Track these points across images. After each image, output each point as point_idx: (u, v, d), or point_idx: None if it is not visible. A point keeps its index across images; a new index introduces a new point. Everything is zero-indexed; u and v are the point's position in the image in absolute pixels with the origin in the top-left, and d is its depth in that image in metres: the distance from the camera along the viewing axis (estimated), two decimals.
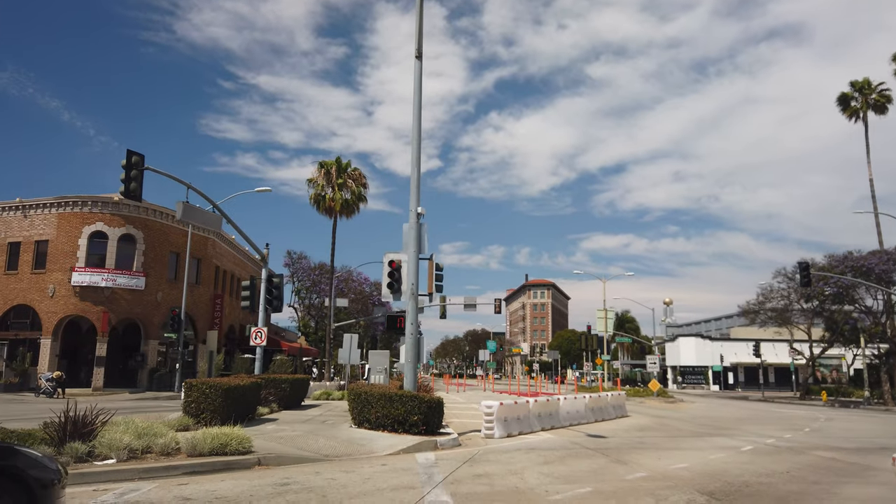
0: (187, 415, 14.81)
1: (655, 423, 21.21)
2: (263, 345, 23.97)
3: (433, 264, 17.15)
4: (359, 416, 15.72)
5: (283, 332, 68.11)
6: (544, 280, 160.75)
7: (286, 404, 21.22)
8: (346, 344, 29.77)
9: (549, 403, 18.41)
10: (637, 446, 14.29)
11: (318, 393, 29.06)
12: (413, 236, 16.48)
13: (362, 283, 66.07)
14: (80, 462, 9.25)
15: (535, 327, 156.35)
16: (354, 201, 47.52)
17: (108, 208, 36.96)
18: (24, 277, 36.53)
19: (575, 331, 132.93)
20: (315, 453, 11.73)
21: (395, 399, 14.65)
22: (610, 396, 22.42)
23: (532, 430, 17.06)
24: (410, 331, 16.03)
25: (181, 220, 19.97)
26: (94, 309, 35.78)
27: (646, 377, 77.21)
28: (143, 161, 18.89)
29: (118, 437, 9.80)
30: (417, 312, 16.41)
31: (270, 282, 24.14)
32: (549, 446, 14.07)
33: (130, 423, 11.50)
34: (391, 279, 16.60)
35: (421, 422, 14.35)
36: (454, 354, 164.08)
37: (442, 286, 17.30)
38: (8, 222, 37.61)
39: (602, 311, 49.29)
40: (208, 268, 43.93)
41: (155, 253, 38.56)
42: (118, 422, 11.65)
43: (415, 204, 16.69)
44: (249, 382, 16.21)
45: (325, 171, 46.86)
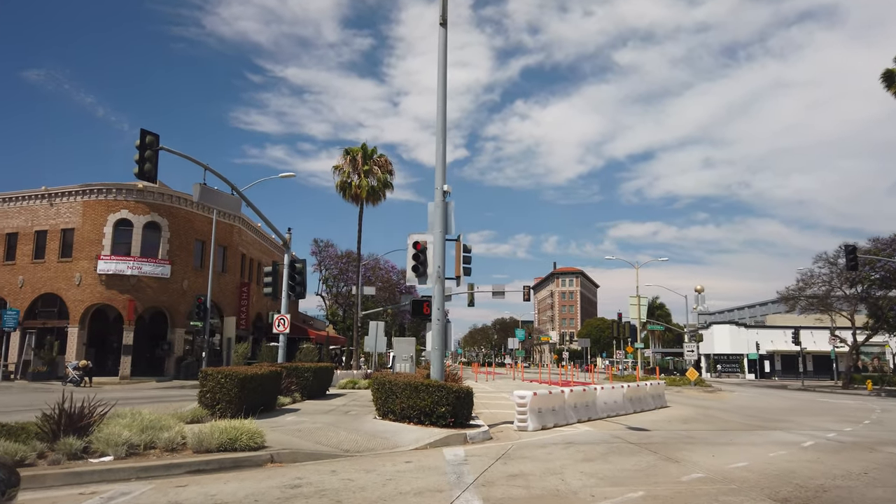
0: (202, 406, 14.03)
1: (699, 414, 19.91)
2: (287, 332, 23.22)
3: (461, 246, 16.06)
4: (383, 407, 14.78)
5: (311, 320, 67.83)
6: (573, 268, 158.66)
7: (309, 394, 20.40)
8: (372, 332, 28.93)
9: (586, 393, 17.26)
10: (685, 441, 13.09)
11: (343, 381, 28.28)
12: (439, 215, 15.41)
13: (389, 272, 65.31)
14: (73, 459, 8.42)
15: (564, 315, 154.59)
16: (381, 188, 46.64)
17: (133, 196, 36.57)
18: (51, 266, 36.39)
19: (605, 319, 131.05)
20: (334, 448, 10.80)
21: (420, 389, 13.66)
22: (649, 386, 21.17)
23: (568, 422, 15.95)
24: (437, 316, 15.00)
25: (198, 202, 19.19)
26: (121, 297, 35.50)
27: (679, 365, 75.43)
28: (158, 141, 18.12)
29: (117, 431, 8.96)
30: (444, 297, 15.36)
31: (293, 267, 23.33)
32: (588, 440, 12.96)
33: (137, 416, 10.69)
34: (416, 261, 15.56)
35: (449, 413, 13.35)
36: (482, 343, 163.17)
37: (470, 269, 16.21)
38: (34, 211, 37.50)
39: (635, 299, 47.76)
40: (234, 255, 43.47)
41: (180, 241, 38.14)
42: (124, 413, 10.85)
43: (440, 181, 15.60)
44: (268, 371, 15.36)
45: (351, 157, 46.06)
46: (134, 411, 11.11)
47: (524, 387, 36.16)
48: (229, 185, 20.46)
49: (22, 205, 37.86)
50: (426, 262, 15.62)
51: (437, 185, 15.64)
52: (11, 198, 38.18)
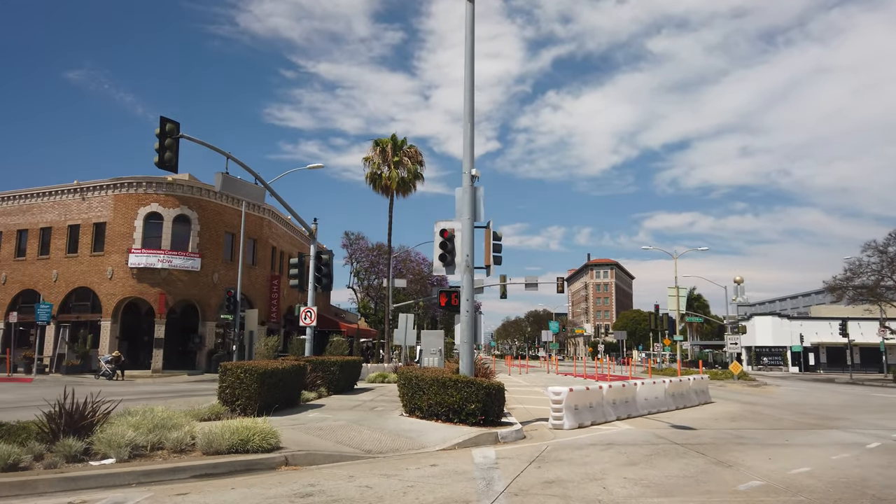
0: (222, 402, 13.44)
1: (746, 411, 18.73)
2: (314, 325, 22.66)
3: (490, 233, 15.19)
4: (409, 404, 14.03)
5: (343, 313, 67.67)
6: (607, 259, 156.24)
7: (336, 388, 19.80)
8: (402, 324, 28.25)
9: (625, 389, 16.27)
10: (736, 442, 12.05)
11: (373, 375, 27.70)
12: (467, 201, 14.56)
13: (421, 264, 64.67)
14: (73, 462, 7.82)
15: (599, 307, 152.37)
16: (411, 179, 45.96)
17: (163, 189, 36.50)
18: (83, 260, 36.58)
19: (640, 311, 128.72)
20: (355, 449, 10.07)
21: (448, 385, 12.86)
22: (692, 381, 20.04)
23: (606, 420, 15.00)
24: (465, 308, 14.17)
25: (220, 192, 18.67)
26: (152, 290, 35.50)
27: (718, 358, 73.28)
28: (178, 129, 17.64)
29: (121, 431, 8.34)
30: (473, 287, 14.52)
31: (319, 259, 22.75)
32: (629, 440, 12.01)
33: (148, 413, 10.10)
34: (443, 250, 14.74)
35: (479, 411, 12.53)
36: (515, 336, 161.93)
37: (500, 258, 15.35)
38: (67, 205, 37.72)
39: (673, 290, 46.21)
40: (264, 248, 43.25)
41: (210, 233, 37.99)
42: (135, 411, 10.28)
43: (468, 165, 14.74)
44: (290, 365, 14.73)
45: (381, 149, 45.45)
46: (146, 408, 10.54)
47: (558, 381, 35.16)
48: (253, 174, 19.91)
49: (55, 199, 38.13)
50: (454, 251, 14.79)
51: (465, 168, 14.78)
52: (45, 192, 38.49)
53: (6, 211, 39.55)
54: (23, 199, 39.14)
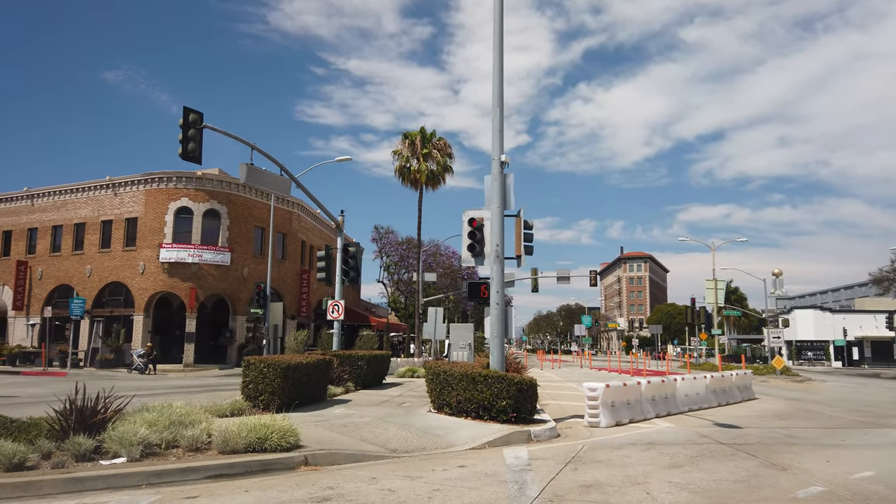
0: (245, 397, 13.10)
1: (794, 408, 17.76)
2: (341, 319, 22.28)
3: (521, 222, 14.52)
4: (438, 400, 13.50)
5: (373, 307, 67.55)
6: (641, 252, 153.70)
7: (364, 383, 19.37)
8: (431, 318, 27.75)
9: (665, 385, 15.49)
10: (787, 442, 11.23)
11: (402, 370, 27.27)
12: (496, 189, 13.92)
13: (451, 257, 64.20)
14: (82, 461, 7.45)
15: (632, 301, 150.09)
16: (440, 172, 45.45)
17: (193, 183, 36.55)
18: (116, 255, 36.87)
19: (675, 304, 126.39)
20: (380, 447, 9.56)
21: (478, 380, 12.28)
22: (734, 376, 19.11)
23: (645, 418, 14.26)
24: (496, 300, 13.56)
25: (245, 183, 18.35)
26: (182, 285, 35.61)
27: (757, 352, 71.26)
28: (202, 119, 17.33)
29: (134, 429, 7.94)
30: (504, 278, 13.89)
31: (346, 251, 22.34)
32: (671, 440, 11.28)
33: (166, 409, 9.74)
34: (472, 240, 14.13)
35: (510, 408, 11.92)
36: (547, 330, 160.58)
37: (532, 248, 14.66)
38: (100, 201, 38.06)
39: (711, 282, 44.92)
40: (294, 242, 43.16)
41: (240, 228, 37.98)
42: (152, 407, 9.92)
43: (498, 150, 14.10)
44: (315, 360, 14.31)
45: (410, 141, 45.04)
46: (164, 404, 10.18)
47: (592, 376, 34.29)
48: (278, 165, 19.55)
49: (88, 195, 38.51)
50: (483, 241, 14.18)
51: (494, 155, 14.14)
52: (79, 188, 38.90)
53: (41, 207, 40.11)
54: (57, 196, 39.63)
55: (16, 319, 39.48)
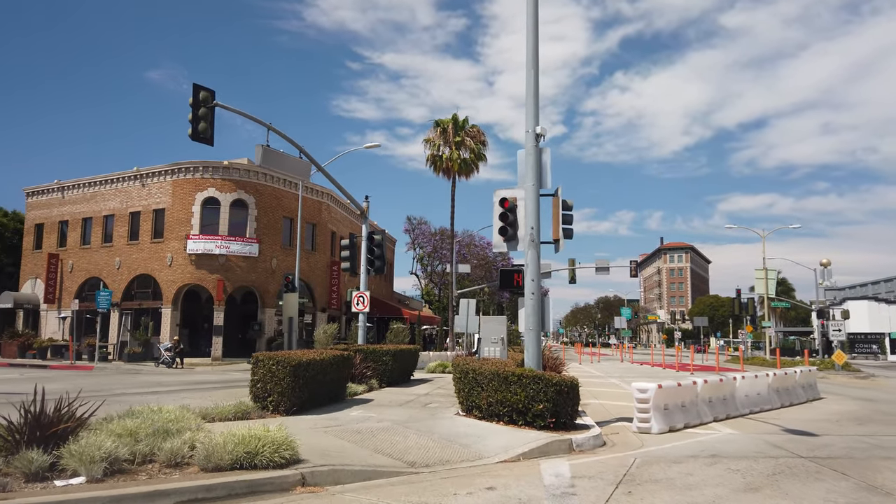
0: (253, 398, 11.83)
1: (869, 409, 15.81)
2: (366, 311, 21.03)
3: (559, 202, 12.92)
4: (466, 401, 12.05)
5: (407, 300, 66.46)
6: (682, 243, 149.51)
7: (389, 380, 18.04)
8: (463, 310, 26.26)
9: (723, 385, 13.76)
10: (879, 455, 9.46)
11: (433, 365, 25.92)
12: (531, 165, 12.36)
13: (485, 248, 62.56)
14: (33, 481, 6.20)
15: (673, 293, 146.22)
16: (473, 160, 43.84)
17: (219, 173, 35.73)
18: (144, 247, 36.33)
19: (718, 296, 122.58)
20: (395, 460, 8.16)
21: (511, 380, 10.79)
22: (798, 374, 17.20)
23: (701, 422, 12.59)
24: (531, 289, 12.03)
25: (261, 166, 17.13)
26: (210, 277, 34.86)
27: (806, 345, 68.03)
28: (213, 97, 16.21)
29: (98, 441, 6.68)
30: (540, 265, 12.34)
31: (371, 239, 21.03)
32: (738, 451, 9.63)
33: (151, 415, 8.51)
34: (504, 222, 12.60)
35: (548, 412, 10.41)
36: (585, 322, 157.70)
37: (571, 231, 13.05)
38: (128, 192, 37.56)
39: (761, 272, 42.48)
40: (323, 233, 42.12)
41: (268, 218, 37.06)
42: (139, 411, 8.72)
43: (532, 122, 12.53)
44: (331, 356, 12.98)
45: (442, 129, 43.52)
46: (151, 409, 8.97)
47: (634, 371, 32.44)
48: (296, 147, 18.31)
49: (117, 187, 38.05)
50: (516, 223, 12.64)
51: (528, 126, 12.58)
52: (107, 180, 38.48)
53: (72, 199, 39.86)
54: (86, 188, 39.31)
55: (48, 312, 39.36)
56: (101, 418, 8.25)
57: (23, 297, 40.04)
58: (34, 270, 40.60)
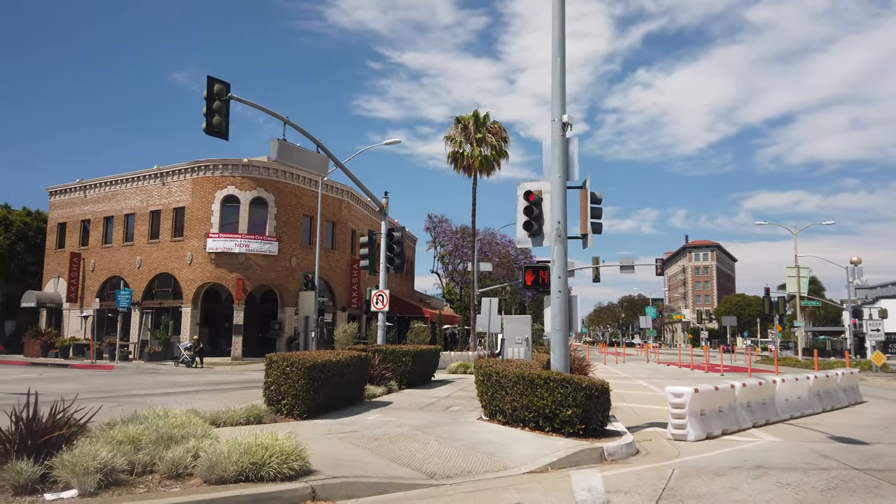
0: (267, 401, 11.35)
1: None
2: (385, 310, 20.50)
3: (587, 194, 12.23)
4: (490, 405, 11.44)
5: (428, 299, 65.94)
6: (707, 241, 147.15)
7: (409, 381, 17.48)
8: (485, 309, 25.64)
9: (763, 388, 12.97)
10: None
11: (454, 365, 25.33)
12: (557, 155, 11.71)
13: (507, 246, 61.80)
14: (22, 494, 5.73)
15: (698, 292, 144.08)
16: (495, 157, 43.18)
17: (239, 171, 35.50)
18: (164, 245, 36.23)
19: (745, 295, 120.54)
20: (414, 471, 7.58)
21: (537, 384, 10.16)
22: (840, 376, 16.31)
23: (740, 428, 11.84)
24: (557, 286, 11.37)
25: (276, 160, 16.66)
26: (230, 276, 34.62)
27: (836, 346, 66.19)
28: (228, 89, 15.76)
29: (94, 450, 6.19)
30: (567, 261, 11.69)
31: (391, 236, 20.51)
32: (784, 462, 8.89)
33: (160, 418, 8.04)
34: (528, 216, 11.96)
35: (577, 418, 9.76)
36: (608, 322, 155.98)
37: (600, 225, 12.35)
38: (149, 191, 37.50)
39: (792, 270, 41.27)
40: (343, 231, 41.75)
41: (287, 216, 36.75)
42: (144, 416, 8.24)
43: (559, 110, 11.87)
44: (348, 357, 12.44)
45: (463, 126, 42.89)
46: (160, 412, 8.50)
47: (661, 371, 31.55)
48: (314, 141, 17.85)
49: (137, 185, 38.02)
50: (542, 217, 12.00)
51: (554, 114, 11.91)
52: (128, 179, 38.47)
53: (93, 199, 39.94)
54: (108, 186, 39.35)
55: (70, 311, 39.49)
56: (104, 423, 7.80)
57: (46, 296, 40.23)
58: (57, 269, 40.77)
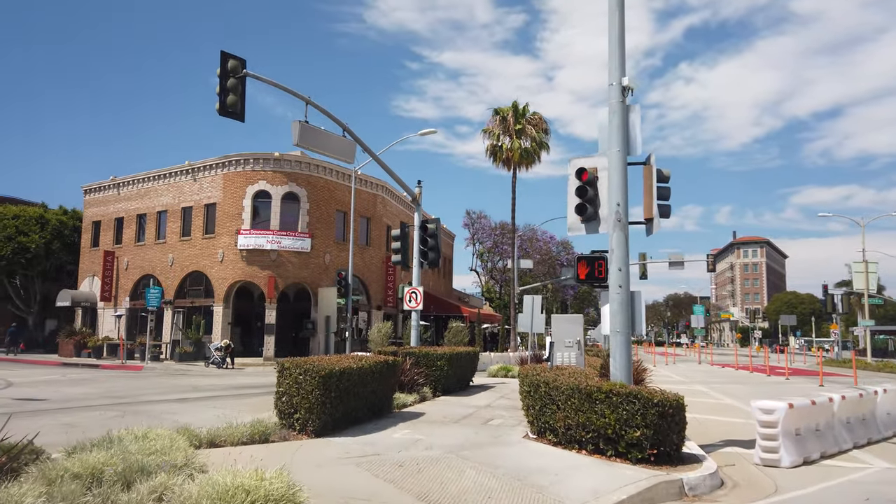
0: (278, 413, 9.81)
1: None
2: (419, 308, 18.87)
3: (652, 171, 10.33)
4: (538, 421, 9.67)
5: (467, 297, 64.25)
6: (757, 237, 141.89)
7: (445, 387, 15.79)
8: (528, 307, 23.83)
9: (863, 400, 10.89)
10: None
11: (494, 368, 23.58)
12: (616, 126, 9.90)
13: (548, 242, 59.76)
14: None
15: (747, 290, 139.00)
16: (535, 150, 41.21)
17: (270, 165, 34.36)
18: (196, 243, 35.35)
19: (797, 293, 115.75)
20: None
21: (596, 398, 8.36)
22: None
23: (840, 450, 9.83)
24: (618, 280, 9.55)
25: (298, 144, 15.15)
26: (261, 273, 33.51)
27: None
28: (243, 66, 14.38)
29: (18, 495, 4.67)
30: (628, 250, 9.85)
31: (424, 229, 18.86)
32: None
33: (131, 442, 6.54)
34: (581, 198, 10.15)
35: (647, 441, 7.94)
36: (653, 321, 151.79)
37: (669, 208, 10.42)
38: (180, 187, 36.70)
39: (859, 265, 38.37)
40: (378, 227, 40.33)
41: (320, 212, 35.48)
42: (119, 437, 6.77)
43: (617, 72, 10.05)
44: (371, 364, 10.81)
45: (501, 118, 41.05)
46: (138, 432, 7.02)
47: (717, 374, 29.20)
48: (339, 124, 16.32)
49: (169, 182, 37.27)
50: (597, 200, 10.19)
51: (612, 77, 10.10)
52: (160, 175, 37.76)
53: (127, 196, 39.39)
54: (140, 183, 38.75)
55: (104, 311, 39.02)
56: (69, 448, 6.36)
57: (80, 295, 39.85)
58: (91, 268, 40.38)
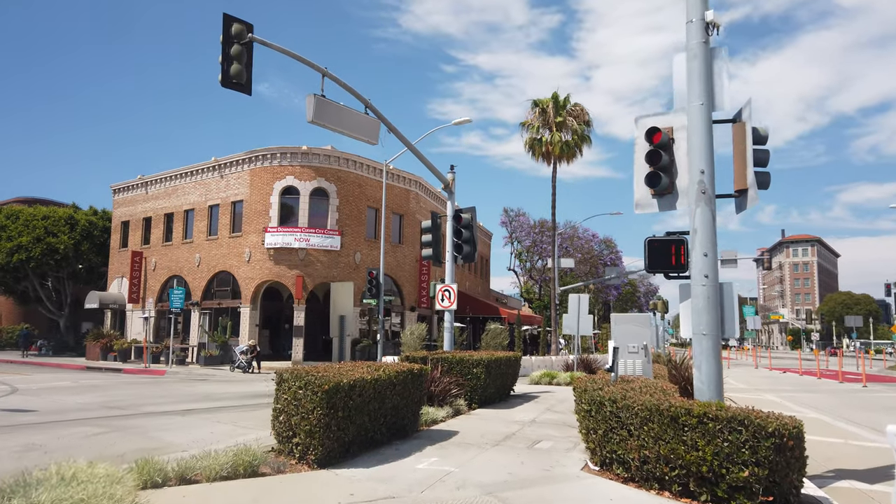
0: (276, 435, 7.91)
1: None
2: (453, 308, 16.87)
3: (745, 130, 8.10)
4: (601, 448, 7.53)
5: (505, 298, 62.11)
6: (807, 235, 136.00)
7: (483, 398, 13.74)
8: (573, 307, 21.64)
9: None
10: None
11: (537, 374, 21.41)
12: (697, 74, 7.75)
13: (590, 240, 57.18)
14: None
15: (797, 290, 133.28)
16: (577, 143, 38.93)
17: (298, 159, 32.82)
18: (223, 242, 34.04)
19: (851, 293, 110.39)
20: None
21: (685, 423, 6.22)
22: None
23: None
24: (702, 269, 7.39)
25: (313, 121, 13.30)
26: (289, 273, 31.97)
27: None
28: (249, 31, 12.60)
29: None
30: (715, 230, 7.66)
31: (458, 219, 16.85)
32: None
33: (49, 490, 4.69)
34: (653, 165, 8.02)
35: (759, 483, 5.78)
36: None
37: (768, 176, 8.18)
38: (207, 185, 35.47)
39: None
40: (412, 225, 38.48)
41: (350, 208, 33.81)
42: (34, 481, 4.95)
43: (699, 6, 7.88)
44: (393, 374, 8.82)
45: (541, 109, 38.91)
46: (67, 473, 5.18)
47: (782, 380, 26.46)
48: (361, 100, 14.46)
49: (196, 179, 36.08)
50: (673, 168, 8.06)
51: (691, 13, 7.94)
52: (187, 173, 36.61)
53: (154, 195, 38.40)
54: (168, 182, 37.69)
55: (133, 312, 38.06)
56: None
57: (109, 297, 38.98)
58: (120, 269, 39.52)
